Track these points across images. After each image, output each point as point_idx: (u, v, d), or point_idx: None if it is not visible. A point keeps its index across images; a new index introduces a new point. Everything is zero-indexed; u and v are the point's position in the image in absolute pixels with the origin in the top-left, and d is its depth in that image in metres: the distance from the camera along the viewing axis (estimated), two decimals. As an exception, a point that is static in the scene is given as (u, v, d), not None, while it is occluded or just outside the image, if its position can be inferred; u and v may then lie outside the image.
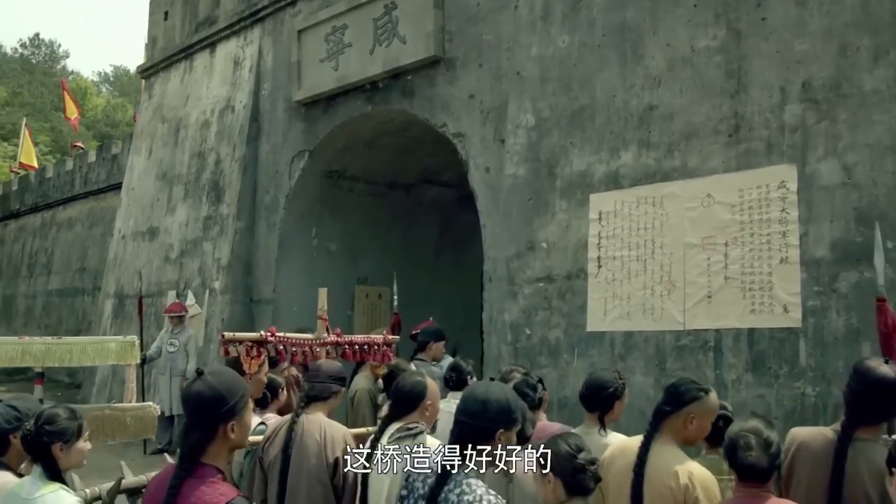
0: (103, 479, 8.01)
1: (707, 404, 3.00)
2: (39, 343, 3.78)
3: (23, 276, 22.96)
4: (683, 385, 3.04)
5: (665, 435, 2.96)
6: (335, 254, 10.24)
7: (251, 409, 2.43)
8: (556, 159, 6.41)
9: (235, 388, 2.29)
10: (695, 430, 2.98)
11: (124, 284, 11.83)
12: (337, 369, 3.47)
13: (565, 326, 6.07)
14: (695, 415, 2.96)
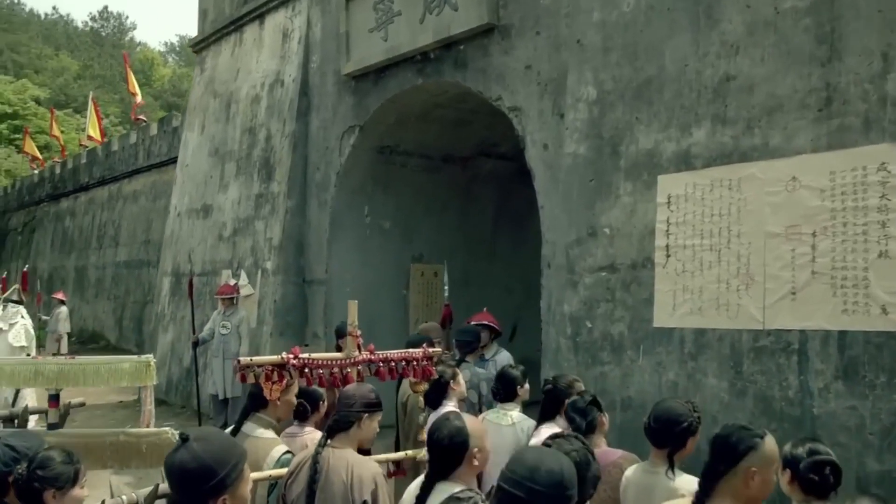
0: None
1: (767, 452, 2.52)
2: (52, 364, 3.56)
3: (93, 248, 23.52)
4: (734, 434, 2.55)
5: (722, 499, 2.45)
6: (389, 231, 9.89)
7: (248, 478, 2.07)
8: (621, 136, 5.84)
9: (227, 457, 1.94)
10: (759, 486, 2.47)
11: (180, 262, 11.78)
12: (368, 395, 3.10)
13: (630, 321, 5.57)
14: (756, 468, 2.46)
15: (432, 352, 3.77)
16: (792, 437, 4.59)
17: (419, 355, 3.61)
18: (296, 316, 9.64)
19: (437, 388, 4.40)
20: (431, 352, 3.76)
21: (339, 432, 2.98)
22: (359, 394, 3.05)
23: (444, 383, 4.40)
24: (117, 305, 21.22)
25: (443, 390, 4.38)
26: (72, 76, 50.43)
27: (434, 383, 4.40)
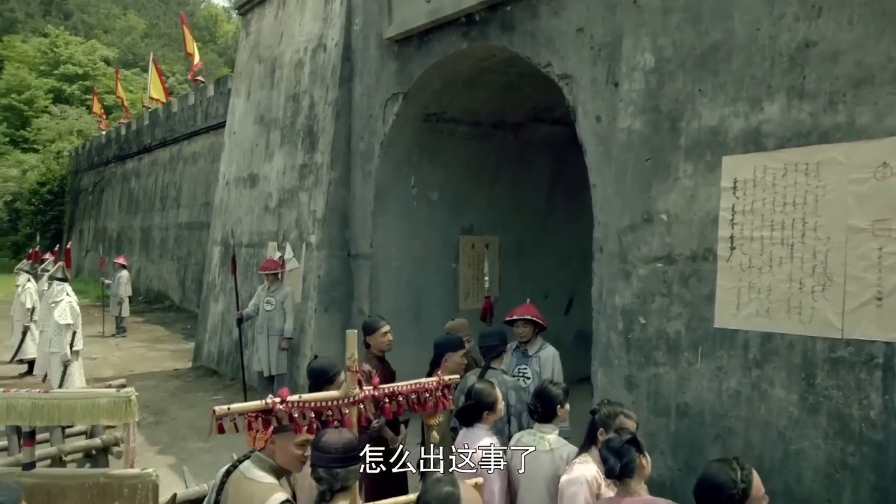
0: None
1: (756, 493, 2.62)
2: (25, 399, 3.27)
3: (157, 209, 23.87)
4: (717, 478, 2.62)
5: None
6: (436, 203, 9.44)
7: None
8: (681, 111, 5.20)
9: None
10: None
11: (229, 232, 11.62)
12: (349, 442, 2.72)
13: (688, 319, 5.01)
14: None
15: (450, 380, 3.33)
16: (872, 464, 4.03)
17: (433, 385, 3.18)
18: (341, 291, 9.35)
19: (473, 409, 3.97)
20: (449, 380, 3.31)
21: (342, 492, 2.61)
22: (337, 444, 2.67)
23: (482, 406, 3.96)
24: (180, 266, 21.54)
25: (478, 412, 3.95)
26: (139, 35, 51.08)
27: (473, 404, 3.98)
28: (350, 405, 2.89)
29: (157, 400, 9.95)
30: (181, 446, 8.05)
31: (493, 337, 4.79)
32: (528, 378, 5.49)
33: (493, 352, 4.69)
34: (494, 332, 4.87)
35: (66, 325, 8.18)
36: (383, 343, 5.37)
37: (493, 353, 4.69)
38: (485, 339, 4.79)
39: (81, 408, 3.35)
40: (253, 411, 2.67)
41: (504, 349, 4.80)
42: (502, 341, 4.79)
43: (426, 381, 3.21)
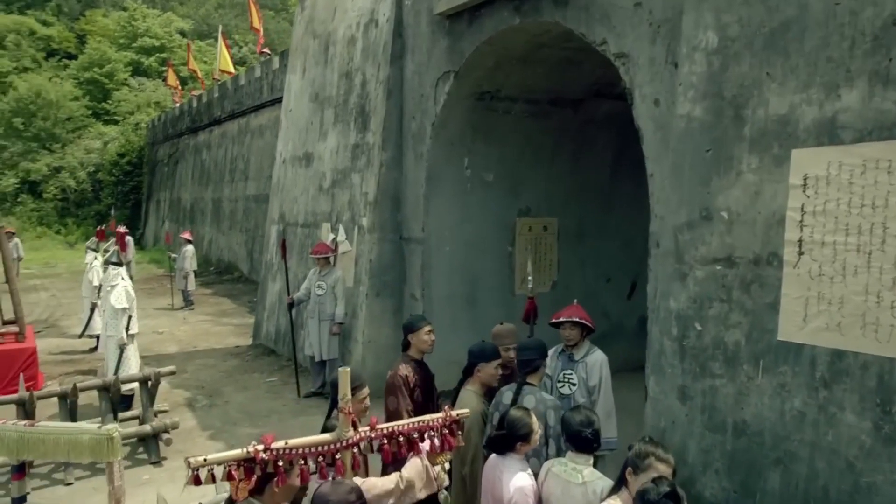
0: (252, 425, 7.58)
1: None
2: (12, 431, 3.16)
3: (226, 181, 24.23)
4: None
5: None
6: (492, 184, 9.07)
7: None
8: (746, 97, 4.68)
9: None
10: None
11: (286, 211, 11.56)
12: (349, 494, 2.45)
13: (748, 329, 4.55)
14: None
15: (458, 415, 3.03)
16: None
17: (438, 423, 2.89)
18: (393, 276, 9.15)
19: (506, 440, 3.68)
20: (457, 415, 3.01)
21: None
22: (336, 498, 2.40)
23: (516, 437, 3.65)
24: (248, 238, 21.84)
25: (512, 442, 3.65)
26: (212, 6, 51.71)
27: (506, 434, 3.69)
28: (343, 449, 2.62)
29: (213, 381, 10.04)
30: (231, 432, 8.06)
31: (531, 350, 4.42)
32: (573, 384, 5.16)
33: (529, 366, 4.35)
34: (533, 344, 4.50)
35: (122, 309, 8.26)
36: (426, 343, 5.11)
37: (530, 367, 4.34)
38: (522, 352, 4.44)
39: (65, 443, 3.23)
40: (233, 460, 2.44)
41: (541, 363, 4.44)
42: (541, 355, 4.43)
43: (430, 417, 2.92)
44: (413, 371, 5.05)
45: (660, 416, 5.07)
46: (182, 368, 10.79)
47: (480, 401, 4.49)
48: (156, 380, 7.48)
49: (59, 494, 6.68)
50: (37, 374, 9.61)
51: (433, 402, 5.22)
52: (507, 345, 4.89)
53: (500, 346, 4.84)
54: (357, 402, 3.96)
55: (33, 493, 6.66)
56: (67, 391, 7.02)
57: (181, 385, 9.81)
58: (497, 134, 8.81)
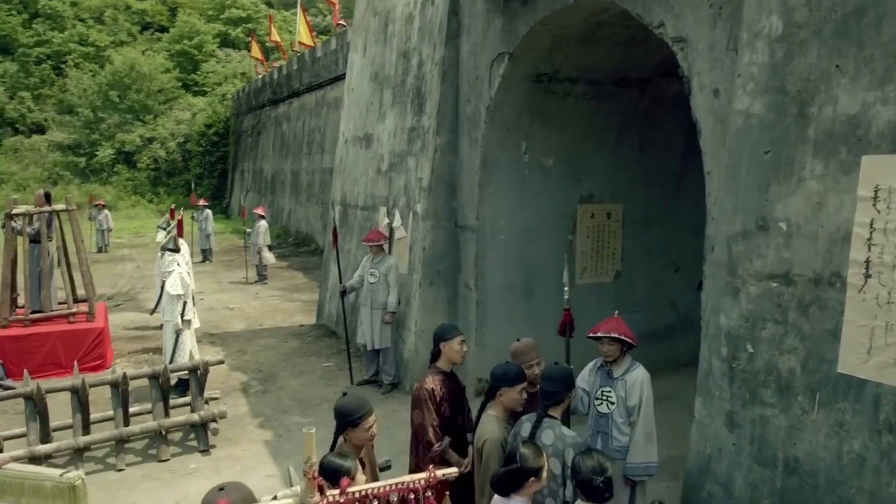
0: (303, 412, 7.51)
1: None
2: None
3: (304, 153, 24.46)
4: None
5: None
6: (551, 170, 8.63)
7: None
8: (812, 92, 4.12)
9: None
10: None
11: (347, 193, 11.45)
12: None
13: (804, 356, 4.06)
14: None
15: (444, 474, 2.75)
16: None
17: (422, 484, 2.62)
18: (447, 264, 8.89)
19: (512, 476, 3.39)
20: (443, 475, 2.73)
21: None
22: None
23: (523, 472, 3.36)
24: (324, 211, 22.00)
25: (518, 481, 3.36)
26: (298, -26, 52.03)
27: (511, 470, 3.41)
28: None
29: (271, 364, 10.11)
30: (281, 420, 8.06)
31: (556, 381, 4.01)
32: (612, 403, 4.80)
33: (552, 399, 3.98)
34: (559, 374, 4.08)
35: (177, 295, 8.34)
36: (457, 354, 4.84)
37: (553, 400, 3.98)
38: (547, 382, 4.05)
39: (29, 488, 3.15)
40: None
41: (566, 396, 4.06)
42: (566, 387, 4.04)
43: (412, 479, 2.65)
44: (441, 383, 4.79)
45: (706, 441, 4.65)
46: (244, 349, 10.95)
47: (502, 427, 4.19)
48: (204, 369, 7.53)
49: (109, 480, 6.82)
50: (105, 352, 9.93)
51: (463, 416, 4.97)
52: (530, 361, 4.55)
53: (523, 364, 4.51)
54: (362, 432, 3.75)
55: (87, 478, 6.85)
56: (118, 380, 7.14)
57: (240, 367, 9.92)
58: (556, 117, 8.35)
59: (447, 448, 4.72)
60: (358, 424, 3.71)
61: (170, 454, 7.22)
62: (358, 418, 3.71)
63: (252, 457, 7.25)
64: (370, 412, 3.75)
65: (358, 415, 3.71)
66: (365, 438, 3.76)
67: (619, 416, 4.77)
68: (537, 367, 4.55)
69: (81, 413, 7.12)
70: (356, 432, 3.73)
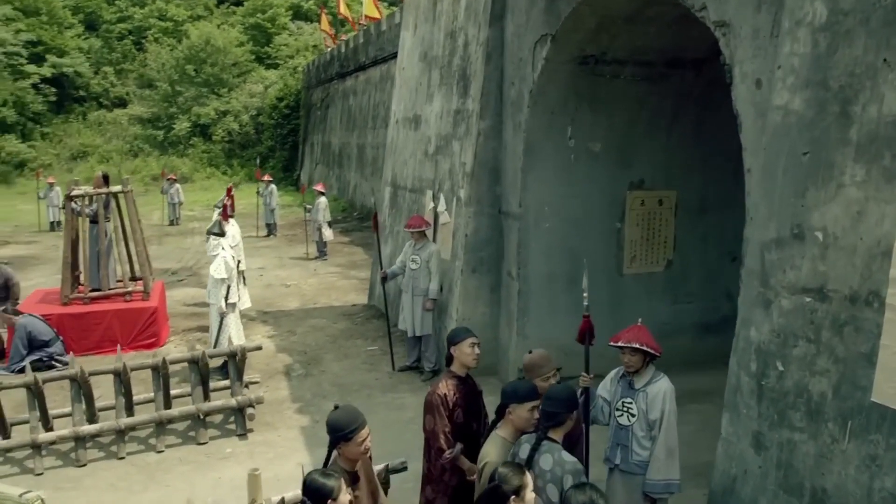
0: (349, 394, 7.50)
1: None
2: None
3: (369, 128, 24.48)
4: None
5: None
6: (599, 155, 8.28)
7: None
8: (856, 89, 3.72)
9: None
10: None
11: (397, 174, 11.34)
12: None
13: (837, 380, 3.72)
14: None
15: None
16: None
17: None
18: (490, 251, 8.69)
19: (492, 496, 3.23)
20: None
21: None
22: None
23: (501, 492, 3.19)
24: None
25: (497, 500, 3.19)
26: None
27: (491, 489, 3.25)
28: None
29: (317, 345, 10.17)
30: (319, 406, 8.09)
31: (557, 402, 3.76)
32: (632, 415, 4.55)
33: (553, 420, 3.73)
34: (561, 394, 3.81)
35: (221, 279, 8.45)
36: (468, 357, 4.68)
37: (553, 421, 3.74)
38: (549, 402, 3.78)
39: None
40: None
41: (567, 418, 3.81)
42: (568, 408, 3.78)
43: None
44: (455, 388, 4.65)
45: (731, 461, 4.36)
46: (293, 329, 11.07)
47: (506, 450, 3.96)
48: (242, 355, 7.60)
49: (149, 461, 7.00)
50: (159, 331, 10.19)
51: (479, 421, 4.81)
52: (545, 374, 4.32)
53: (537, 377, 4.30)
54: (355, 446, 3.64)
55: (128, 458, 7.06)
56: (158, 364, 7.28)
57: (286, 349, 10.03)
58: (604, 100, 7.97)
59: (459, 455, 4.58)
60: (350, 439, 3.61)
61: (208, 437, 7.35)
62: (350, 432, 3.60)
63: (287, 443, 7.31)
64: (362, 426, 3.64)
65: (350, 429, 3.61)
66: (357, 453, 3.65)
67: (639, 429, 4.52)
68: (553, 379, 4.34)
69: (124, 395, 7.31)
70: (348, 447, 3.63)
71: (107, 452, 7.15)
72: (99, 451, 7.17)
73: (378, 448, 6.78)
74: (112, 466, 6.93)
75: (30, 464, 6.86)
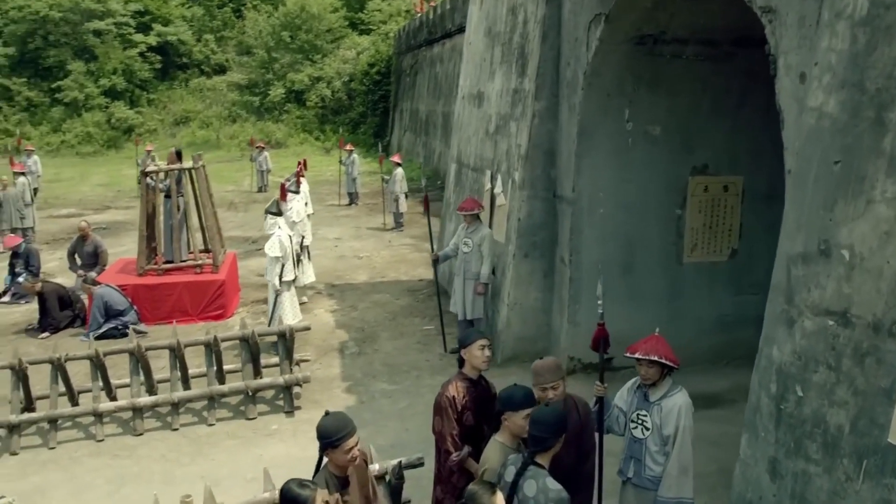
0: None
1: None
2: None
3: (454, 96, 24.27)
4: None
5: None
6: (659, 139, 7.89)
7: None
8: (893, 94, 3.34)
9: None
10: None
11: (461, 151, 11.21)
12: None
13: (855, 414, 3.42)
14: None
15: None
16: None
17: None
18: (544, 236, 8.49)
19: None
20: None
21: None
22: None
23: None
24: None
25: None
26: None
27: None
28: None
29: (375, 323, 10.28)
30: (368, 386, 8.21)
31: (544, 426, 3.57)
32: (647, 428, 4.36)
33: (540, 445, 3.58)
34: (549, 418, 3.61)
35: (275, 257, 8.64)
36: (478, 359, 4.60)
37: (541, 447, 3.58)
38: (535, 426, 3.60)
39: None
40: None
41: (554, 443, 3.62)
42: (555, 433, 3.59)
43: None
44: (465, 391, 4.58)
45: (748, 485, 4.12)
46: (355, 305, 11.23)
47: (507, 455, 3.89)
48: (290, 335, 7.78)
49: (199, 434, 7.31)
50: (226, 303, 10.57)
51: (490, 424, 4.73)
52: (547, 383, 4.17)
53: (539, 385, 4.17)
54: (342, 454, 3.65)
55: (181, 430, 7.39)
56: (211, 341, 7.55)
57: (345, 325, 10.20)
58: (665, 82, 7.56)
59: (467, 457, 4.53)
60: (337, 446, 3.61)
61: (257, 413, 7.60)
62: (337, 440, 3.61)
63: (331, 423, 7.44)
64: (350, 434, 3.63)
65: (337, 437, 3.61)
66: (344, 460, 3.66)
67: (653, 443, 4.33)
68: (552, 391, 4.18)
69: (179, 369, 7.63)
70: (335, 454, 3.64)
71: (163, 423, 7.51)
72: (156, 421, 7.55)
73: (416, 434, 6.89)
74: (166, 437, 7.28)
75: (93, 430, 7.30)
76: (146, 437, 7.27)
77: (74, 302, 10.27)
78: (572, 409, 4.33)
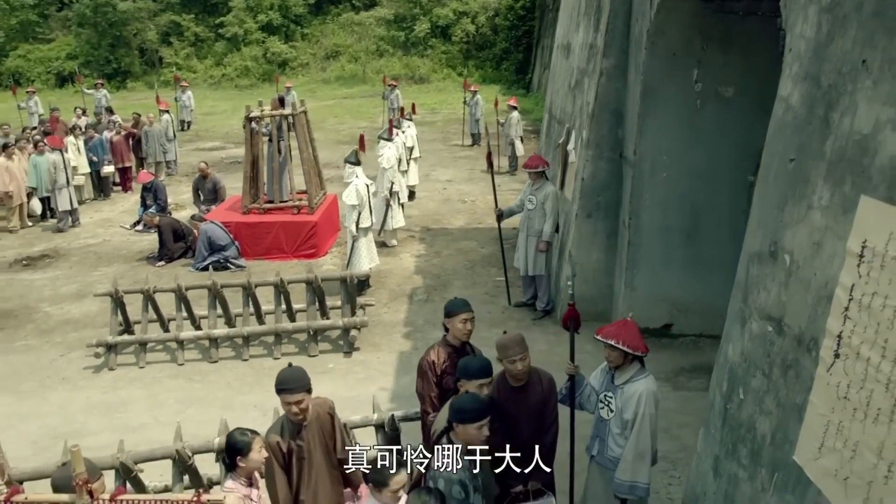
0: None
1: None
2: None
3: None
4: None
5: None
6: (731, 101, 7.42)
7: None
8: (839, 92, 3.08)
9: None
10: None
11: (553, 102, 11.03)
12: None
13: (775, 426, 3.31)
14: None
15: (209, 501, 2.90)
16: None
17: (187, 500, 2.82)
18: (608, 196, 8.32)
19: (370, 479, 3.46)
20: (208, 501, 2.89)
21: None
22: None
23: (373, 481, 3.41)
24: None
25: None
26: None
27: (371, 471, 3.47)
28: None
29: (452, 271, 10.55)
30: (426, 333, 8.55)
31: (463, 414, 3.65)
32: (611, 410, 4.39)
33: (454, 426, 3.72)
34: (473, 404, 3.66)
35: (352, 205, 9.06)
36: (460, 332, 4.79)
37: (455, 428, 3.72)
38: (456, 410, 3.68)
39: None
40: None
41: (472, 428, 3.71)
42: (477, 416, 3.70)
43: (179, 497, 2.88)
44: (446, 356, 4.80)
45: (698, 479, 4.09)
46: (441, 251, 11.54)
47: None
48: (352, 281, 8.25)
49: (265, 366, 7.99)
50: (319, 243, 11.23)
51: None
52: (515, 355, 4.26)
53: (506, 359, 4.29)
54: (285, 405, 4.02)
55: (250, 360, 8.14)
56: (278, 282, 8.18)
57: (423, 271, 10.56)
58: (738, 40, 7.06)
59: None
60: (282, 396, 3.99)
61: (318, 351, 8.18)
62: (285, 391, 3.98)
63: (382, 366, 7.91)
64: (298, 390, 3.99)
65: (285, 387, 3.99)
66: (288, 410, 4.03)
67: (615, 425, 4.36)
68: (520, 362, 4.29)
69: (252, 306, 8.35)
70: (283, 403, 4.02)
71: (236, 353, 8.30)
72: (231, 350, 8.35)
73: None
74: (236, 367, 8.06)
75: (177, 355, 8.21)
76: (219, 365, 8.07)
77: (187, 235, 11.33)
78: (536, 383, 4.44)
